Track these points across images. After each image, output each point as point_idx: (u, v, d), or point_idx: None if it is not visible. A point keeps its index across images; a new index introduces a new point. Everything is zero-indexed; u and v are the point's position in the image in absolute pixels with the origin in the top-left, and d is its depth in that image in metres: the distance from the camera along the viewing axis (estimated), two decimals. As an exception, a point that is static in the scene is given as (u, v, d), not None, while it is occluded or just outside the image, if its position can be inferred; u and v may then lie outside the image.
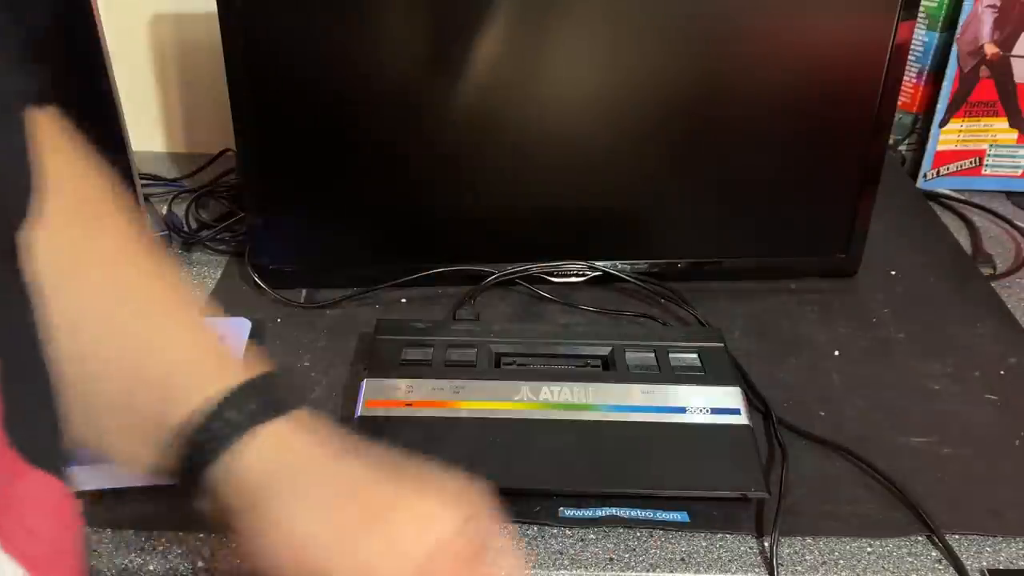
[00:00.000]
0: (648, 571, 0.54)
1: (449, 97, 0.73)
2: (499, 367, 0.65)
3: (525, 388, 0.62)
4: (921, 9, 0.93)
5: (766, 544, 0.55)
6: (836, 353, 0.72)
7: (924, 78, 0.97)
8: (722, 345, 0.67)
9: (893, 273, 0.83)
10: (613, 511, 0.56)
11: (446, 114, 0.73)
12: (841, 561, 0.54)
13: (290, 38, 0.70)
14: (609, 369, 0.66)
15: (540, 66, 0.72)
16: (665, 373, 0.64)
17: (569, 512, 0.56)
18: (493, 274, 0.78)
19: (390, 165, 0.76)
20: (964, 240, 0.90)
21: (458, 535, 0.37)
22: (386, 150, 0.75)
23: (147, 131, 1.04)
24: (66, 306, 0.37)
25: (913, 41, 0.76)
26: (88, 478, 0.59)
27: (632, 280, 0.78)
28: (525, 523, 0.56)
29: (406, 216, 0.78)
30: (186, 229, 0.89)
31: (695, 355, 0.66)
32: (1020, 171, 0.99)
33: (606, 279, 0.79)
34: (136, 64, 0.99)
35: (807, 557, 0.55)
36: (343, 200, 0.77)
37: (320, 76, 0.72)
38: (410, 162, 0.76)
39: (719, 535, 0.56)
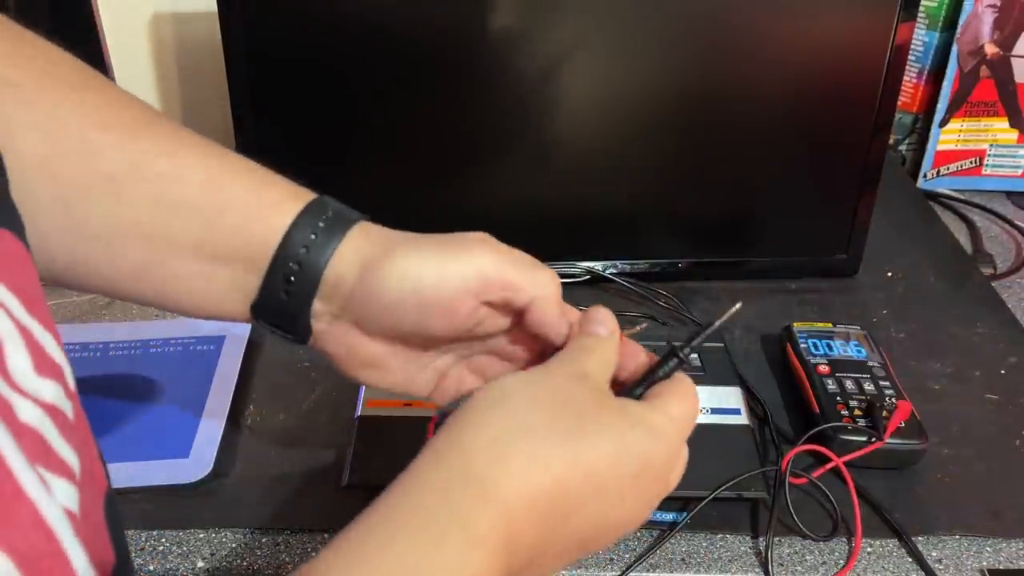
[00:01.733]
0: (648, 571, 0.54)
1: (449, 100, 0.73)
2: (499, 367, 0.65)
3: (525, 388, 0.62)
4: (921, 9, 0.93)
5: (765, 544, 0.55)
6: (836, 353, 0.72)
7: (924, 78, 0.97)
8: (722, 345, 0.67)
9: (893, 273, 0.83)
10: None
11: (446, 117, 0.73)
12: (841, 561, 0.54)
13: (290, 37, 0.70)
14: (609, 369, 0.65)
15: (540, 68, 0.72)
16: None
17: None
18: (493, 274, 0.78)
19: (390, 166, 0.76)
20: (964, 240, 0.90)
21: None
22: (386, 151, 0.75)
23: (147, 131, 1.04)
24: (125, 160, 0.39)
25: (913, 41, 0.76)
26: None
27: (626, 284, 0.78)
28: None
29: (406, 217, 0.78)
30: (186, 229, 0.89)
31: (695, 355, 0.66)
32: (1020, 171, 0.99)
33: (606, 279, 0.79)
34: (136, 64, 0.99)
35: (807, 557, 0.55)
36: (343, 201, 0.77)
37: (321, 76, 0.72)
38: (410, 163, 0.76)
39: (719, 535, 0.56)
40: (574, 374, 0.36)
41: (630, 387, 0.39)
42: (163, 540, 0.55)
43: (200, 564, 0.54)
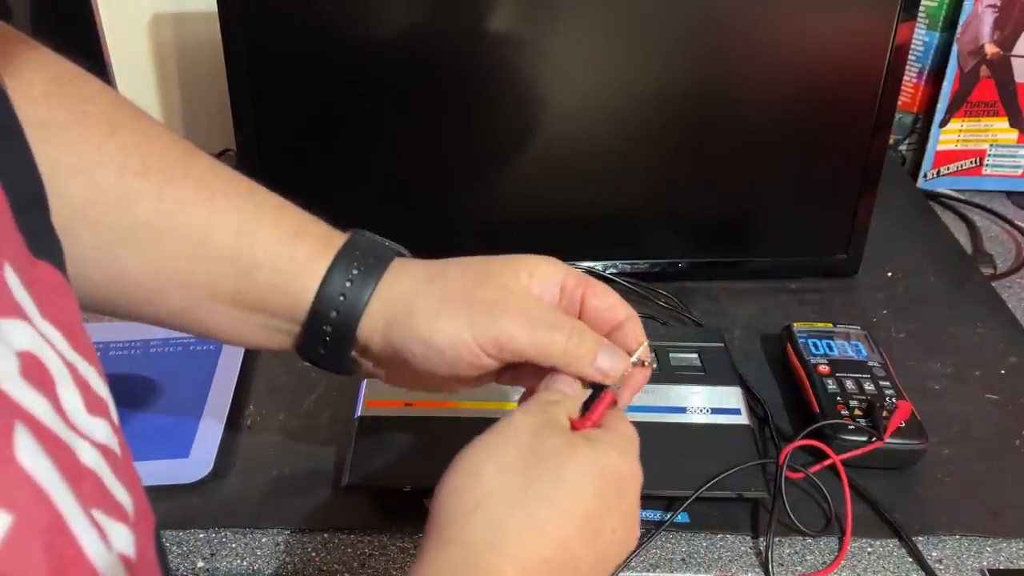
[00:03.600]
0: (648, 571, 0.54)
1: (450, 101, 0.73)
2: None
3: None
4: (921, 9, 0.93)
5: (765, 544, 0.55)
6: (836, 353, 0.72)
7: (924, 78, 0.97)
8: (722, 345, 0.67)
9: (892, 273, 0.83)
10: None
11: (447, 118, 0.73)
12: (841, 561, 0.54)
13: (290, 37, 0.70)
14: (609, 369, 0.65)
15: (540, 68, 0.72)
16: (665, 373, 0.64)
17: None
18: (493, 274, 0.78)
19: (390, 167, 0.76)
20: (964, 240, 0.90)
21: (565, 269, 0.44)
22: (386, 152, 0.75)
23: (147, 131, 1.04)
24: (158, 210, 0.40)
25: (913, 41, 0.76)
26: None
27: (626, 284, 0.78)
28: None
29: (406, 217, 0.78)
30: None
31: (695, 355, 0.66)
32: (1020, 171, 0.98)
33: (606, 279, 0.79)
34: (136, 64, 0.99)
35: (807, 557, 0.55)
36: (343, 200, 0.77)
37: (321, 76, 0.72)
38: (410, 164, 0.76)
39: (719, 535, 0.56)
40: (539, 424, 0.37)
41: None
42: (163, 540, 0.55)
43: (200, 564, 0.54)
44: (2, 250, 0.25)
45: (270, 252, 0.41)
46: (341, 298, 0.41)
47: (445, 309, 0.41)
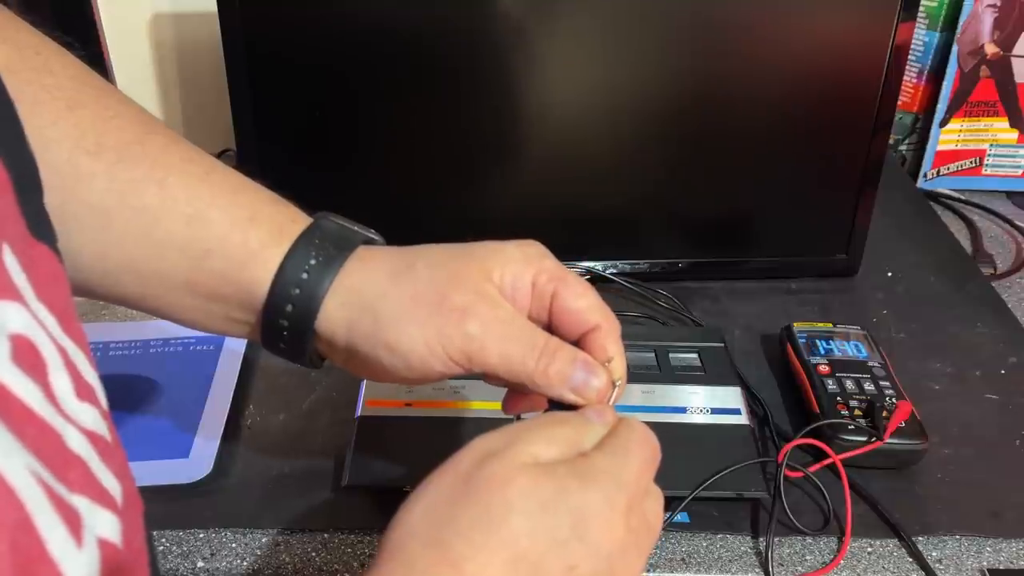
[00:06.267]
0: (648, 571, 0.54)
1: (449, 101, 0.73)
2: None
3: (525, 388, 0.62)
4: (921, 9, 0.93)
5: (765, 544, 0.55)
6: (836, 353, 0.72)
7: (924, 78, 0.97)
8: (722, 345, 0.67)
9: (892, 273, 0.83)
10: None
11: (446, 118, 0.73)
12: (841, 561, 0.54)
13: (290, 37, 0.70)
14: (609, 369, 0.65)
15: (541, 67, 0.72)
16: (665, 373, 0.64)
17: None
18: (493, 274, 0.78)
19: (389, 168, 0.76)
20: (964, 240, 0.90)
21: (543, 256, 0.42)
22: (386, 152, 0.75)
23: (147, 131, 1.04)
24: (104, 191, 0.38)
25: (913, 41, 0.76)
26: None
27: (626, 284, 0.78)
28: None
29: (407, 217, 0.78)
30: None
31: (695, 355, 0.66)
32: (1020, 171, 0.98)
33: (606, 280, 0.79)
34: (136, 64, 0.99)
35: (807, 557, 0.55)
36: (344, 201, 0.76)
37: (321, 76, 0.72)
38: (411, 164, 0.76)
39: (719, 535, 0.56)
40: (490, 452, 0.33)
41: None
42: (163, 540, 0.55)
43: (200, 564, 0.54)
44: (3, 231, 0.25)
45: (221, 238, 0.39)
46: (296, 291, 0.38)
47: (413, 315, 0.38)
